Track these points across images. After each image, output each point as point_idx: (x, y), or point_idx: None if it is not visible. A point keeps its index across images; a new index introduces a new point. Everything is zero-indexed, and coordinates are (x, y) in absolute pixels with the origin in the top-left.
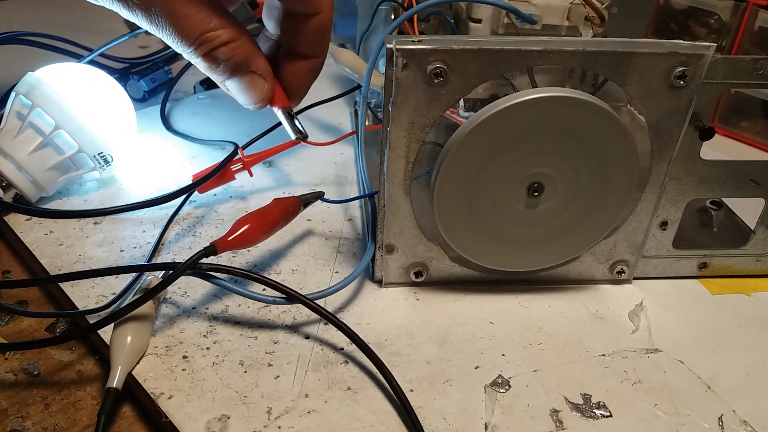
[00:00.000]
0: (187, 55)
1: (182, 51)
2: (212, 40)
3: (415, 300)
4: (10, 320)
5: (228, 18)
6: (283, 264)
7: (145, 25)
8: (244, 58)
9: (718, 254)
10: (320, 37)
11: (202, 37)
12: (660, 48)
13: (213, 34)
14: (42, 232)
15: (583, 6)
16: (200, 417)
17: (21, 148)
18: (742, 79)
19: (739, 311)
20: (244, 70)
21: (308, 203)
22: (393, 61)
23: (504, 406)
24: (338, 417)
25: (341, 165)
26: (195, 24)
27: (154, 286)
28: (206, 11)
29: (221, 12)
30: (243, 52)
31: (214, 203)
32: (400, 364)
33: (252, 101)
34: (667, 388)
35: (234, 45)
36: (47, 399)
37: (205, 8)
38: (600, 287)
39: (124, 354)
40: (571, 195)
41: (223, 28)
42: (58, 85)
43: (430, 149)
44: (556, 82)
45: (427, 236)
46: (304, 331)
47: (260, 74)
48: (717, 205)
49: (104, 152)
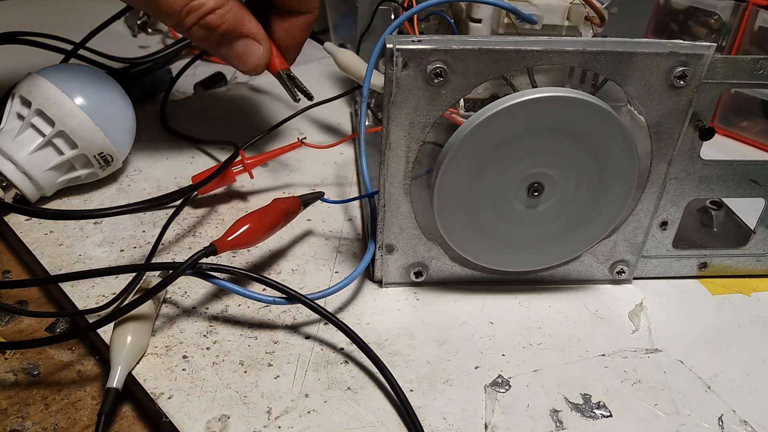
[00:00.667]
0: (177, 28)
1: (171, 23)
2: (198, 7)
3: (415, 300)
4: (10, 320)
5: None
6: (283, 264)
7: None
8: (234, 23)
9: (718, 254)
10: None
11: (188, 6)
12: (660, 48)
13: (198, 2)
14: (42, 232)
15: (583, 6)
16: (200, 417)
17: (21, 149)
18: (742, 79)
19: (739, 311)
20: (236, 36)
21: (308, 203)
22: (393, 61)
23: (504, 406)
24: (338, 417)
25: (341, 165)
26: None
27: (153, 285)
28: None
29: None
30: (232, 17)
31: (215, 203)
32: (400, 364)
33: (249, 67)
34: (667, 388)
35: (222, 11)
36: (47, 399)
37: None
38: (600, 287)
39: (124, 354)
40: (571, 195)
41: None
42: (58, 85)
43: (430, 149)
44: (556, 82)
45: (427, 236)
46: (304, 331)
47: (254, 37)
48: (717, 205)
49: (104, 152)
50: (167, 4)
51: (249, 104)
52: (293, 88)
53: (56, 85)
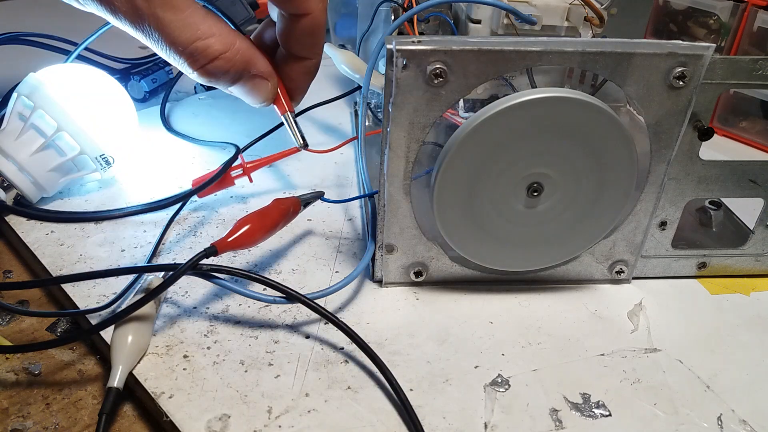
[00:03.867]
0: (184, 69)
1: (176, 63)
2: (204, 50)
3: (415, 300)
4: (11, 320)
5: (218, 21)
6: (284, 264)
7: (133, 33)
8: (242, 65)
9: (717, 254)
10: (312, 39)
11: (192, 47)
12: (659, 48)
13: (203, 43)
14: (43, 232)
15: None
16: (201, 416)
17: (23, 150)
18: (741, 80)
19: (738, 311)
20: (245, 77)
21: (308, 203)
22: (393, 61)
23: (503, 405)
24: (338, 416)
25: (341, 165)
26: (182, 31)
27: (155, 287)
28: (193, 16)
29: (209, 16)
30: (240, 59)
31: (215, 203)
32: (400, 364)
33: (256, 102)
34: (667, 387)
35: (229, 55)
36: (48, 398)
37: (193, 12)
38: (599, 287)
39: (125, 353)
40: (570, 195)
41: (213, 36)
42: (59, 86)
43: (430, 149)
44: (556, 83)
45: (427, 236)
46: (304, 330)
47: (262, 75)
48: (716, 205)
49: (106, 154)
50: (170, 40)
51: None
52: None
53: (58, 85)
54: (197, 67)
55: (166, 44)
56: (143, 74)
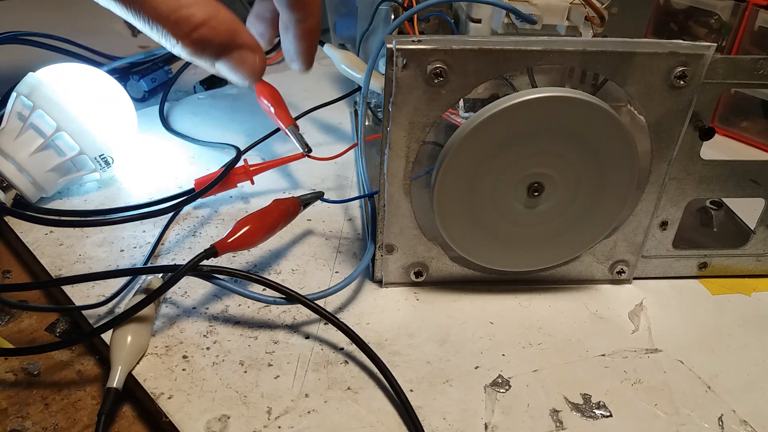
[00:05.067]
0: (169, 44)
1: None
2: (187, 18)
3: (415, 300)
4: (10, 320)
5: None
6: (283, 264)
7: (119, 11)
8: (227, 34)
9: (718, 254)
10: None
11: (175, 15)
12: (660, 48)
13: (186, 11)
14: (42, 232)
15: (583, 6)
16: (200, 417)
17: (22, 149)
18: (742, 79)
19: (739, 311)
20: (230, 48)
21: (308, 203)
22: (393, 61)
23: (504, 406)
24: (338, 417)
25: (341, 165)
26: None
27: (155, 289)
28: None
29: None
30: (225, 27)
31: (215, 203)
32: (400, 364)
33: (245, 78)
34: (667, 388)
35: (213, 23)
36: (47, 399)
37: None
38: (600, 287)
39: (124, 354)
40: (570, 195)
41: (195, 4)
42: (59, 86)
43: (430, 149)
44: (556, 82)
45: (427, 236)
46: (304, 331)
47: (248, 48)
48: (717, 205)
49: (105, 154)
50: (154, 11)
51: (249, 104)
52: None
53: (57, 85)
54: (181, 35)
55: (148, 14)
56: (142, 74)
